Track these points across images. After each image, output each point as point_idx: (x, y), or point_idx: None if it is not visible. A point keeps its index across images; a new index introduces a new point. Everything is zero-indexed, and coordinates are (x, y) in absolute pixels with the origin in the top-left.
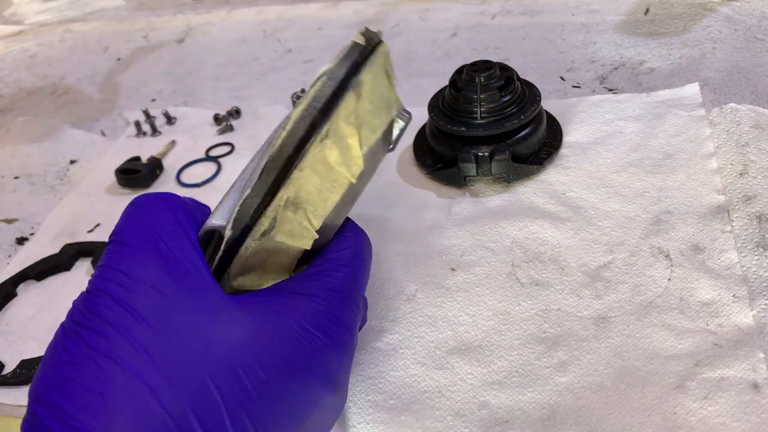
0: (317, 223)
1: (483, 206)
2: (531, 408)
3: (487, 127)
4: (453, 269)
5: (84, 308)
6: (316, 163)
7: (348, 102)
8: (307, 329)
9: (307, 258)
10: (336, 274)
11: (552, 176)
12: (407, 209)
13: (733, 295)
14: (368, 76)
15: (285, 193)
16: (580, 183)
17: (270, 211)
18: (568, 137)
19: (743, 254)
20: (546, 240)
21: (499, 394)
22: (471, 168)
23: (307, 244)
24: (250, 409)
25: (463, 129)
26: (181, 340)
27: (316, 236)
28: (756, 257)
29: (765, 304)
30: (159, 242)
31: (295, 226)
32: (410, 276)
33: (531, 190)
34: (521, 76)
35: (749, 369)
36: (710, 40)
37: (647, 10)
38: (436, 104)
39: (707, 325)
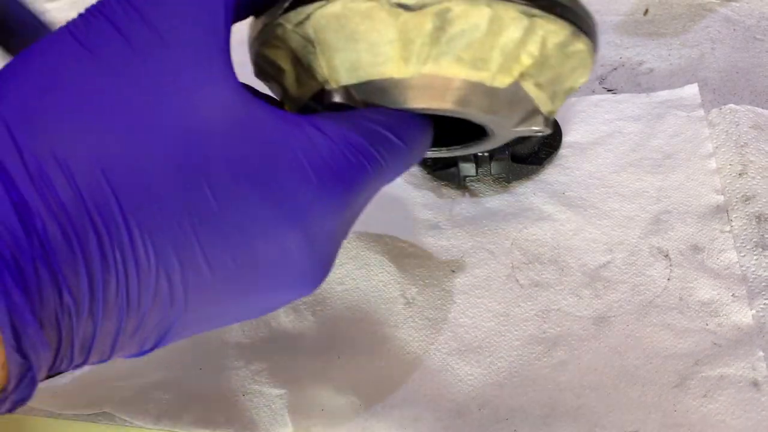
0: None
1: (482, 206)
2: (531, 407)
3: None
4: (453, 271)
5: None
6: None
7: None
8: (300, 165)
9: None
10: (375, 128)
11: (551, 176)
12: (407, 210)
13: (732, 295)
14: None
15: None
16: (579, 183)
17: None
18: (568, 137)
19: (742, 254)
20: (545, 241)
21: (500, 394)
22: (470, 168)
23: (394, 68)
24: (194, 210)
25: None
26: (148, 106)
27: (410, 74)
28: (755, 257)
29: (764, 304)
30: None
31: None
32: (410, 278)
33: (530, 190)
34: None
35: (749, 367)
36: (709, 40)
37: (646, 11)
38: None
39: (707, 324)
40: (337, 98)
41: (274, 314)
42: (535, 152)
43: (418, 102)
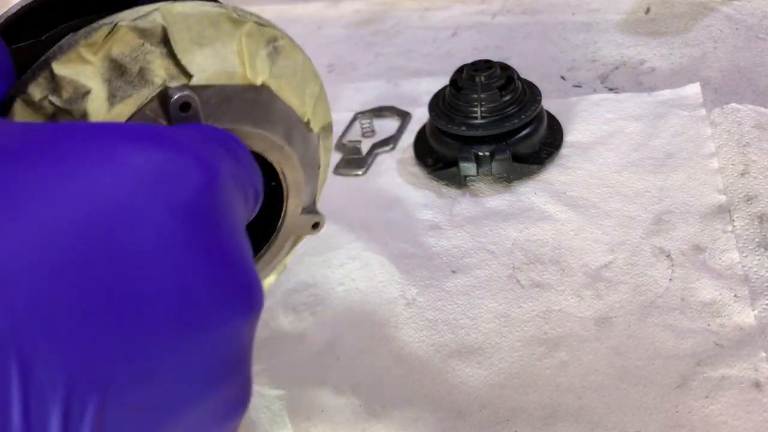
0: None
1: (483, 206)
2: (532, 407)
3: (488, 126)
4: (453, 271)
5: None
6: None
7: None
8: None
9: None
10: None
11: (553, 176)
12: (407, 210)
13: (735, 295)
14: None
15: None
16: (580, 182)
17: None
18: (569, 137)
19: (744, 254)
20: (546, 241)
21: (501, 395)
22: (471, 168)
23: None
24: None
25: (463, 129)
26: None
27: (258, 81)
28: (757, 257)
29: (766, 304)
30: None
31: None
32: (411, 279)
33: (531, 190)
34: (522, 76)
35: (751, 368)
36: (711, 39)
37: (648, 10)
38: (436, 104)
39: (709, 325)
40: (182, 95)
41: (274, 314)
42: (536, 152)
43: (254, 121)
